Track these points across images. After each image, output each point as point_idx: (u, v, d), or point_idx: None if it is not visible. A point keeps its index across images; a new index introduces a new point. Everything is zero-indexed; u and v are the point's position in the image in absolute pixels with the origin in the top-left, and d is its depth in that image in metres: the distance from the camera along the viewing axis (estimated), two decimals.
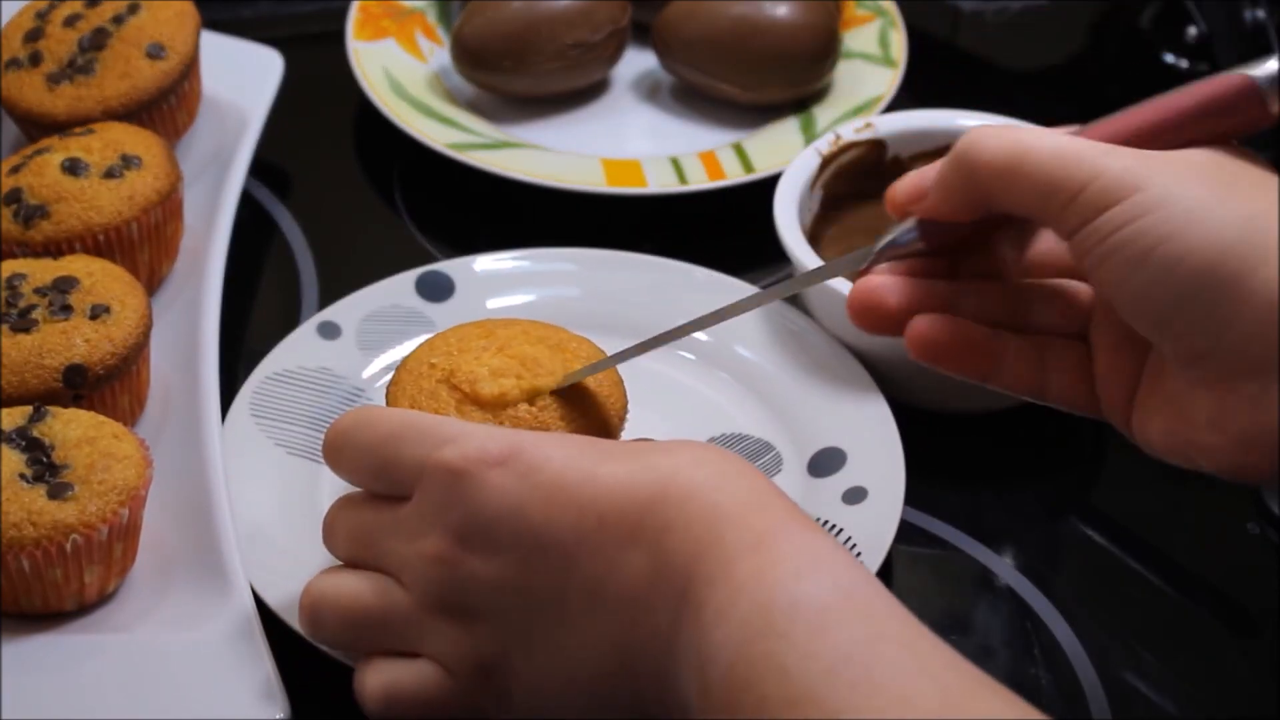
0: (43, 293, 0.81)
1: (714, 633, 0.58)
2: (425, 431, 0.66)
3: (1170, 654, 0.77)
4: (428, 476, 0.64)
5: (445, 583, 0.64)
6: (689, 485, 0.62)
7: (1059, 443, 0.87)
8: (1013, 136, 0.64)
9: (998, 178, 0.64)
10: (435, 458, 0.64)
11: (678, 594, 0.60)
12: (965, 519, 0.83)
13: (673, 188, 0.98)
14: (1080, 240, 0.62)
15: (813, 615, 0.57)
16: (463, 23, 1.04)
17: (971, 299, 0.69)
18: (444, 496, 0.64)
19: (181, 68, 0.95)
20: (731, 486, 0.62)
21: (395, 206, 1.02)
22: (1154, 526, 0.84)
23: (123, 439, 0.76)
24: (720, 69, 1.03)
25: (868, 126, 0.94)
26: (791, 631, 0.57)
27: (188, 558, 0.76)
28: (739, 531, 0.60)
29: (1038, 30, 1.17)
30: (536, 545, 0.62)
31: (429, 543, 0.64)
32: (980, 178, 0.64)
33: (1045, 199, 0.63)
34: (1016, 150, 0.63)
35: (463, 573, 0.64)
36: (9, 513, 0.72)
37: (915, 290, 0.68)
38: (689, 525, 0.61)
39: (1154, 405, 0.65)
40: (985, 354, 0.68)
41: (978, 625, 0.80)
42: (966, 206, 0.66)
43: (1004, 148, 0.63)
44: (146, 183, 0.88)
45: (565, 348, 0.79)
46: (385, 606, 0.66)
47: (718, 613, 0.58)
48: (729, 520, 0.60)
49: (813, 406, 0.85)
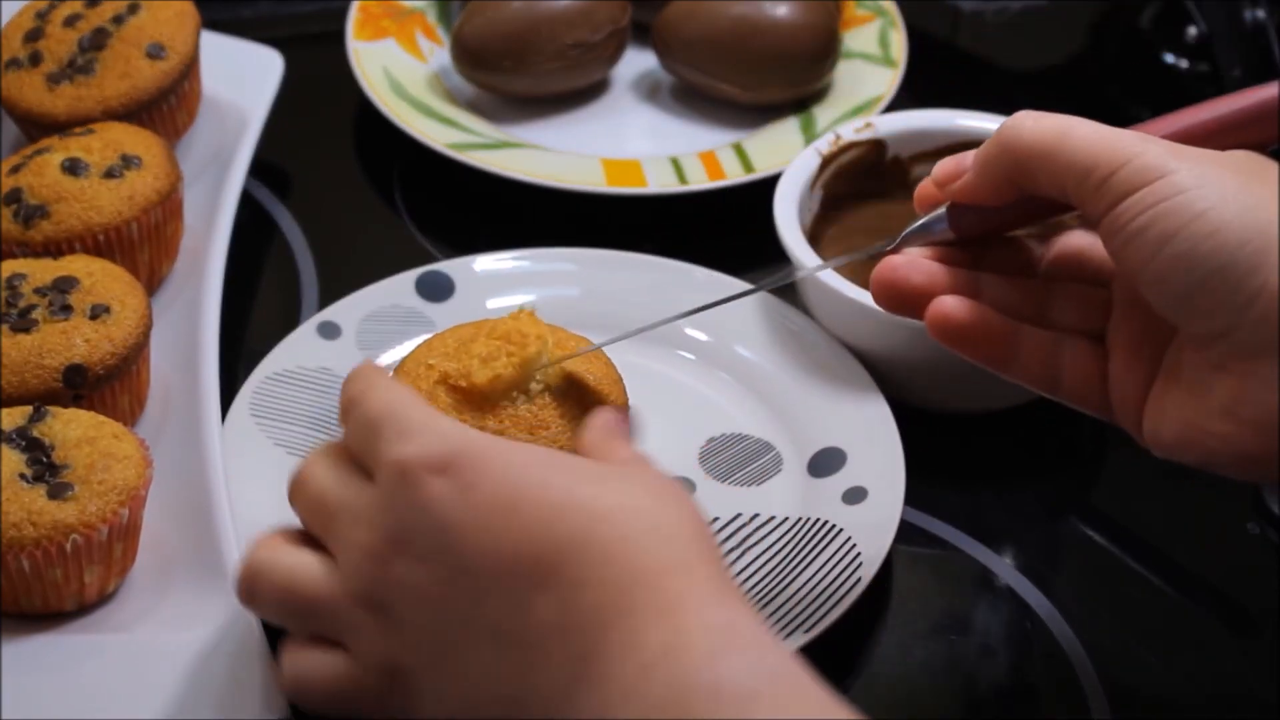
0: (43, 293, 0.81)
1: (621, 710, 0.57)
2: (397, 421, 0.64)
3: (1170, 654, 0.78)
4: (381, 470, 0.64)
5: (372, 580, 0.63)
6: (612, 537, 0.60)
7: (1059, 443, 0.88)
8: (1054, 120, 0.66)
9: (1037, 157, 0.66)
10: (389, 453, 0.63)
11: (580, 655, 0.58)
12: (965, 519, 0.83)
13: (673, 188, 0.98)
14: (1111, 220, 0.64)
15: (738, 701, 0.55)
16: (463, 23, 1.04)
17: (994, 289, 0.70)
18: (389, 493, 0.63)
19: (181, 68, 0.95)
20: (658, 544, 0.60)
21: (395, 206, 1.02)
22: (1154, 526, 0.84)
23: (123, 439, 0.76)
24: (720, 69, 1.03)
25: (868, 126, 0.94)
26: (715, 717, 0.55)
27: (188, 558, 0.76)
28: (653, 594, 0.58)
29: (1038, 30, 1.17)
30: (458, 566, 0.61)
31: (367, 536, 0.63)
32: (1020, 157, 0.66)
33: (1081, 179, 0.64)
34: (1057, 132, 0.65)
35: (389, 574, 0.63)
36: (9, 513, 0.72)
37: (939, 273, 0.69)
38: (604, 587, 0.59)
39: (1168, 400, 0.66)
40: (1003, 342, 0.69)
41: (978, 625, 0.80)
42: (1004, 187, 0.68)
43: (1046, 129, 0.66)
44: (146, 183, 0.88)
45: (564, 345, 0.79)
46: (317, 590, 0.65)
47: (624, 692, 0.57)
48: (645, 584, 0.59)
49: (813, 406, 0.85)
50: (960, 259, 0.70)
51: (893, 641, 0.78)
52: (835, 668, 0.76)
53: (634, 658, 0.57)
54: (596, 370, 0.80)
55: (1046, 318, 0.70)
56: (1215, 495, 0.85)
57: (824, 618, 0.74)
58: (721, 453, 0.84)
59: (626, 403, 0.80)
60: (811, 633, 0.74)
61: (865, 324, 0.85)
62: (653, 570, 0.59)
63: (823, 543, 0.78)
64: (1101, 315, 0.70)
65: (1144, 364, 0.67)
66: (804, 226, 0.89)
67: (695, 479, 0.83)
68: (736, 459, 0.84)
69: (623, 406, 0.80)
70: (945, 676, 0.77)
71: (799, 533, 0.79)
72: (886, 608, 0.79)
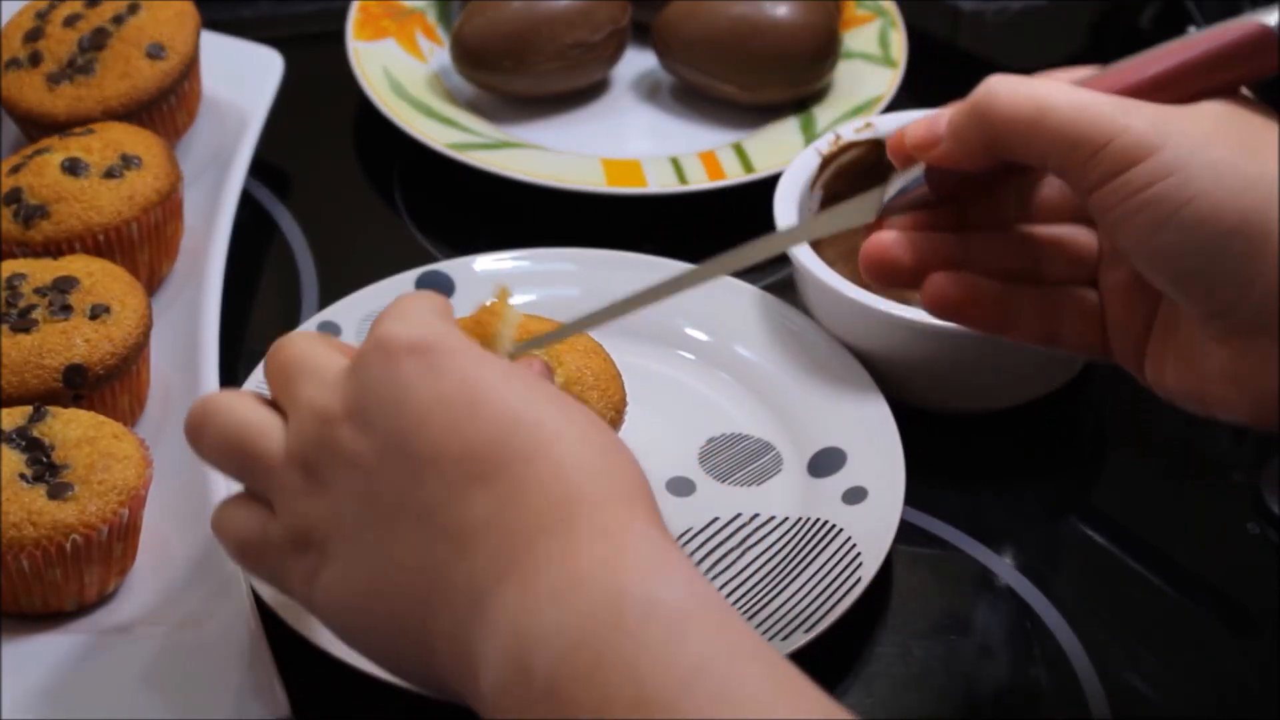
0: (43, 293, 0.81)
1: (546, 613, 0.56)
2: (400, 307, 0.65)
3: (1170, 654, 0.78)
4: (366, 342, 0.64)
5: (314, 440, 0.63)
6: (564, 459, 0.59)
7: (1059, 443, 0.88)
8: (1029, 90, 0.64)
9: (1015, 132, 0.64)
10: (378, 329, 0.63)
11: (508, 557, 0.58)
12: (965, 519, 0.83)
13: (673, 188, 0.98)
14: (1100, 198, 0.63)
15: (671, 618, 0.55)
16: (463, 23, 1.04)
17: (982, 252, 0.69)
18: (361, 363, 0.63)
19: (181, 68, 0.95)
20: (606, 476, 0.60)
21: (395, 206, 1.02)
22: (1154, 526, 0.84)
23: (123, 439, 0.76)
24: (720, 69, 1.03)
25: (868, 126, 0.94)
26: (646, 631, 0.54)
27: (188, 558, 0.77)
28: (594, 517, 0.58)
29: (1038, 30, 1.17)
30: (399, 444, 0.61)
31: (325, 398, 0.63)
32: (997, 131, 0.64)
33: (1064, 155, 0.63)
34: (1035, 104, 0.63)
35: (332, 437, 0.62)
36: (9, 513, 0.72)
37: (927, 245, 0.69)
38: (546, 496, 0.58)
39: (1167, 354, 0.66)
40: (999, 308, 0.69)
41: (978, 625, 0.80)
42: (981, 157, 0.66)
43: (1022, 102, 0.63)
44: (146, 183, 0.88)
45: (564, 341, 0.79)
46: (258, 445, 0.65)
47: (553, 593, 0.56)
48: (586, 506, 0.58)
49: (813, 406, 0.85)
50: (944, 219, 0.69)
51: (893, 641, 0.78)
52: (835, 668, 0.76)
53: (568, 565, 0.57)
54: (595, 368, 0.80)
55: (1038, 272, 0.69)
56: (1215, 495, 0.85)
57: (824, 618, 0.74)
58: (721, 453, 0.84)
59: (625, 397, 0.80)
60: (811, 633, 0.74)
61: (865, 324, 0.85)
62: (597, 497, 0.59)
63: (823, 543, 0.78)
64: (1091, 261, 0.69)
65: (1141, 308, 0.67)
66: None
67: (695, 479, 0.83)
68: (736, 459, 0.84)
69: (621, 405, 0.80)
70: (945, 676, 0.77)
71: (799, 533, 0.79)
72: (886, 608, 0.79)
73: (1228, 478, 0.85)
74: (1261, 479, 0.84)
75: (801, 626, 0.74)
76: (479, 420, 0.60)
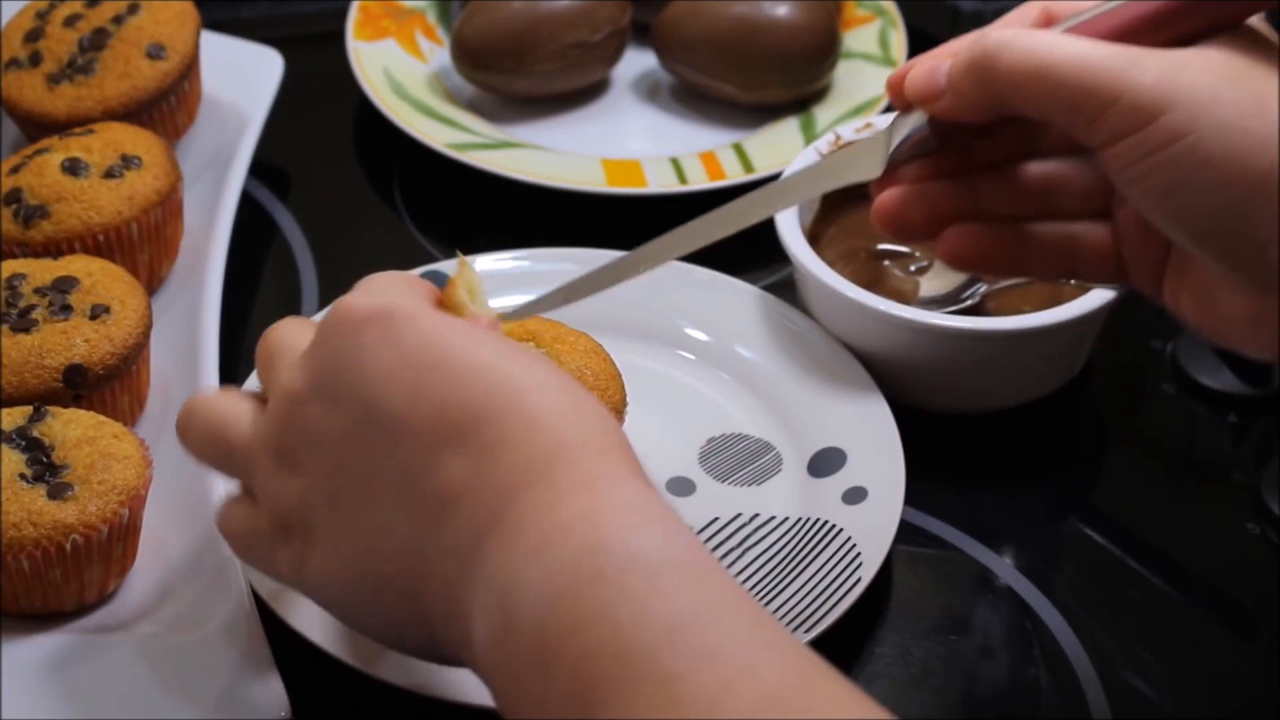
0: (43, 293, 0.81)
1: (530, 567, 0.56)
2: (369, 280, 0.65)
3: (1170, 654, 0.77)
4: (325, 316, 0.63)
5: (285, 422, 0.63)
6: (537, 410, 0.59)
7: (1059, 443, 0.88)
8: (1029, 45, 0.62)
9: (1017, 89, 0.63)
10: (340, 300, 0.63)
11: (490, 514, 0.58)
12: (965, 519, 0.83)
13: (673, 188, 0.98)
14: (1110, 158, 0.62)
15: (651, 569, 0.55)
16: (463, 23, 1.04)
17: (993, 198, 0.68)
18: (322, 338, 0.63)
19: (181, 68, 0.95)
20: (581, 424, 0.59)
21: (395, 206, 1.02)
22: (1154, 526, 0.84)
23: (123, 439, 0.76)
24: (720, 69, 1.03)
25: (868, 126, 0.94)
26: (627, 582, 0.54)
27: (188, 558, 0.77)
28: (573, 469, 0.58)
29: None
30: (368, 413, 0.60)
31: (293, 379, 0.63)
32: (998, 88, 0.63)
33: (1069, 113, 0.62)
34: (1036, 61, 0.62)
35: (302, 416, 0.62)
36: (9, 513, 0.72)
37: (937, 197, 0.68)
38: (523, 448, 0.58)
39: (1182, 288, 0.65)
40: (1016, 254, 0.69)
41: (978, 625, 0.80)
42: (983, 113, 0.65)
43: (1021, 60, 0.62)
44: (146, 183, 0.88)
45: (564, 340, 0.79)
46: (236, 436, 0.65)
47: (536, 547, 0.56)
48: (564, 458, 0.58)
49: (813, 406, 0.85)
50: (951, 163, 0.68)
51: (893, 641, 0.78)
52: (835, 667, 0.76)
53: (549, 518, 0.56)
54: (595, 368, 0.80)
55: (1050, 211, 0.69)
56: (1215, 495, 0.85)
57: (824, 618, 0.74)
58: (721, 452, 0.84)
59: (624, 396, 0.80)
60: (811, 633, 0.74)
61: (865, 324, 0.85)
62: (575, 445, 0.58)
63: (823, 543, 0.78)
64: (1103, 193, 0.68)
65: (1154, 245, 0.66)
66: (804, 226, 0.89)
67: (695, 479, 0.83)
68: (736, 459, 0.84)
69: (621, 405, 0.80)
70: (945, 676, 0.77)
71: (799, 533, 0.79)
72: (886, 608, 0.79)
73: (1228, 478, 0.85)
74: (1261, 479, 0.84)
75: (801, 626, 0.74)
76: (445, 380, 0.60)
